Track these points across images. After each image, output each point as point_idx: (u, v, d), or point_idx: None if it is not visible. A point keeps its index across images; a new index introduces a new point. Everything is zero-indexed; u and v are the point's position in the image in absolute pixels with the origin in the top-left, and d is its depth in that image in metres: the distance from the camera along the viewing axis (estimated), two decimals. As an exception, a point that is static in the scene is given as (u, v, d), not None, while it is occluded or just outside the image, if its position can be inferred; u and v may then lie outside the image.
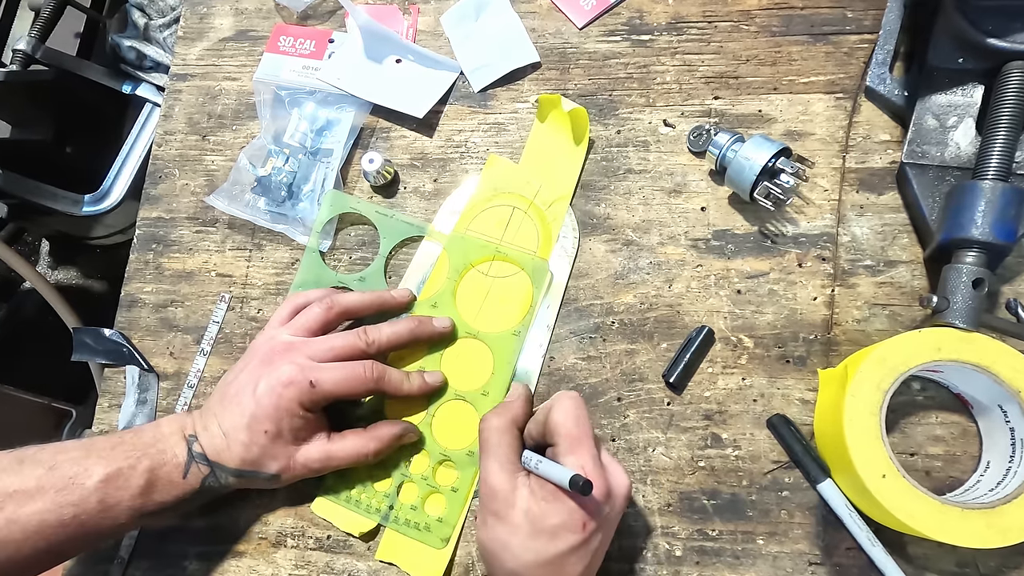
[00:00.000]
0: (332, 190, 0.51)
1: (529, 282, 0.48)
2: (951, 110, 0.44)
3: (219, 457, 0.41)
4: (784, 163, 0.44)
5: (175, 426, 0.42)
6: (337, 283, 0.50)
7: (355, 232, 0.52)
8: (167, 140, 0.56)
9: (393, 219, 0.50)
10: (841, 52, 0.50)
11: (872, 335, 0.45)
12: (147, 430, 0.42)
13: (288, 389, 0.41)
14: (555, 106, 0.50)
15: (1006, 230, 0.40)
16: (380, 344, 0.44)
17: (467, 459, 0.45)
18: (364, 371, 0.43)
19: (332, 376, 0.42)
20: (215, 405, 0.43)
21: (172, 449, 0.41)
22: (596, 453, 0.36)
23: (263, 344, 0.44)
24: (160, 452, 0.41)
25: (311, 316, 0.45)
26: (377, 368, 0.43)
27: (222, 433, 0.41)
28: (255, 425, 0.41)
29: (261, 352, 0.43)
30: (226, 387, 0.43)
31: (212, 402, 0.43)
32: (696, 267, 0.47)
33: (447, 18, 0.55)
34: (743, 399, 0.45)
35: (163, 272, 0.53)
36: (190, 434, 0.42)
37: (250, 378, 0.42)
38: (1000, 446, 0.40)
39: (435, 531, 0.44)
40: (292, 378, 0.41)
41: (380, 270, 0.50)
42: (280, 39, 0.56)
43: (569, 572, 0.35)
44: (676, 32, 0.52)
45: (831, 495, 0.41)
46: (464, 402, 0.46)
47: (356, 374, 0.42)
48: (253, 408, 0.41)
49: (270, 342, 0.44)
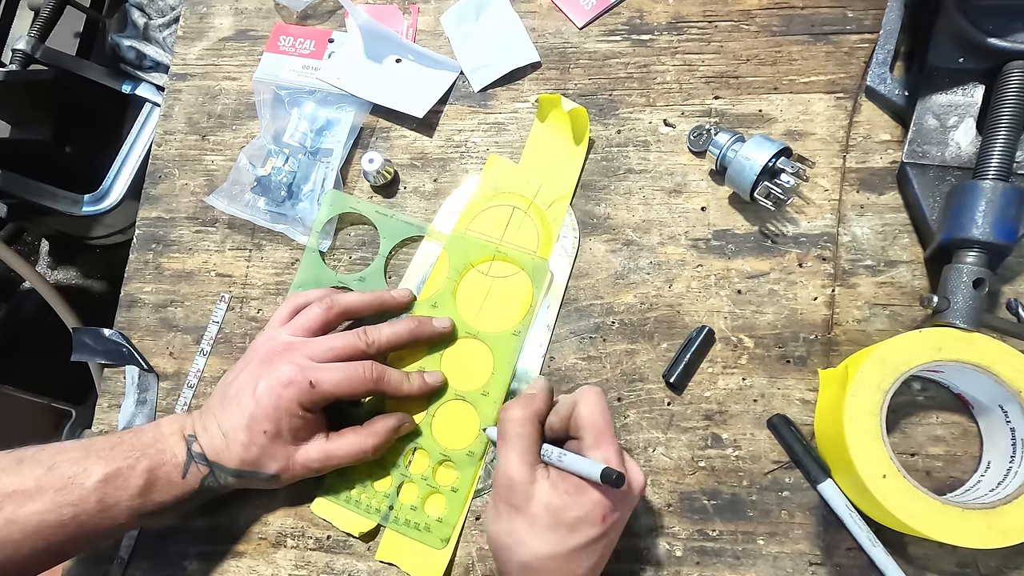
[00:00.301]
0: (332, 190, 0.51)
1: (529, 282, 0.48)
2: (952, 110, 0.44)
3: (218, 457, 0.41)
4: (784, 163, 0.43)
5: (175, 426, 0.42)
6: (337, 283, 0.50)
7: (355, 232, 0.52)
8: (167, 140, 0.56)
9: (393, 219, 0.50)
10: (841, 52, 0.50)
11: (872, 335, 0.45)
12: (146, 430, 0.42)
13: (288, 389, 0.41)
14: (555, 106, 0.50)
15: (1007, 230, 0.39)
16: (380, 344, 0.44)
17: (467, 459, 0.45)
18: (364, 372, 0.43)
19: (332, 376, 0.42)
20: (215, 405, 0.43)
21: (171, 449, 0.41)
22: (620, 448, 0.37)
23: (263, 344, 0.44)
24: (159, 452, 0.41)
25: (311, 316, 0.45)
26: (377, 368, 0.43)
27: (221, 433, 0.41)
28: (254, 425, 0.41)
29: (261, 352, 0.43)
30: (226, 387, 0.43)
31: (212, 402, 0.43)
32: (696, 267, 0.47)
33: (447, 18, 0.55)
34: (743, 399, 0.45)
35: (163, 272, 0.53)
36: (189, 434, 0.42)
37: (250, 378, 0.42)
38: (1001, 446, 0.40)
39: (435, 531, 0.44)
40: (292, 378, 0.41)
41: (380, 270, 0.50)
42: (280, 39, 0.56)
43: (580, 566, 0.35)
44: (676, 32, 0.52)
45: (831, 495, 0.41)
46: (464, 402, 0.46)
47: (356, 374, 0.42)
48: (252, 408, 0.41)
49: (270, 342, 0.44)
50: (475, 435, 0.45)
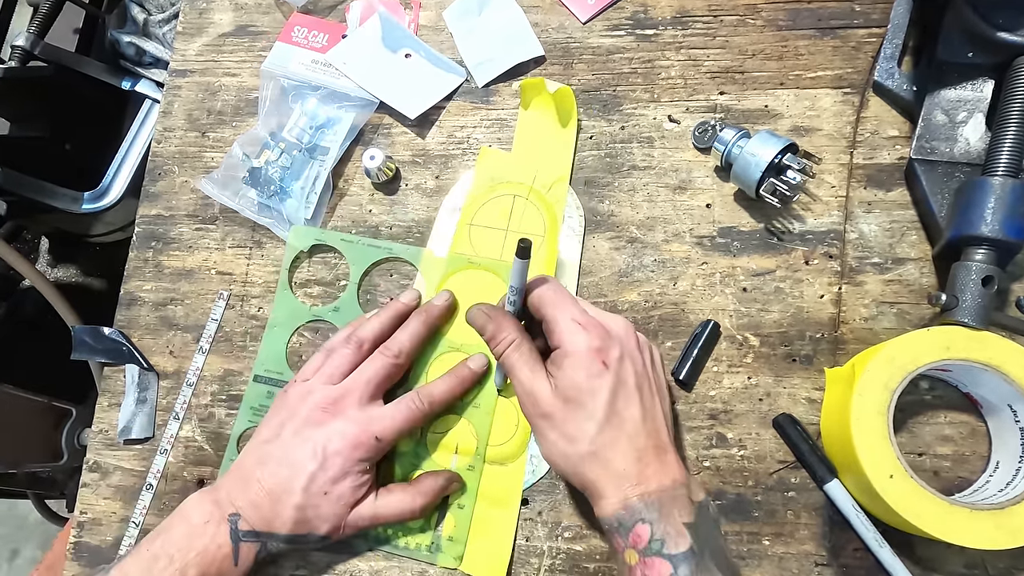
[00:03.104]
0: (294, 226, 0.50)
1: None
2: (960, 105, 0.44)
3: (269, 526, 0.40)
4: (791, 159, 0.43)
5: (204, 509, 0.40)
6: (312, 316, 0.49)
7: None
8: (167, 137, 0.56)
9: (359, 244, 0.50)
10: (849, 46, 0.49)
11: (880, 333, 0.44)
12: (174, 527, 0.39)
13: (356, 450, 0.40)
14: (539, 91, 0.50)
15: (1016, 227, 0.39)
16: (407, 351, 0.44)
17: (468, 474, 0.45)
18: (416, 405, 0.42)
19: (392, 425, 0.41)
20: (252, 467, 0.41)
21: (214, 541, 0.39)
22: (580, 308, 0.38)
23: (299, 399, 0.42)
24: (202, 552, 0.38)
25: (343, 361, 0.43)
26: (423, 395, 0.43)
27: (267, 497, 0.40)
28: (313, 487, 0.40)
29: (300, 409, 0.42)
30: (265, 447, 0.41)
31: (246, 464, 0.41)
32: (701, 265, 0.47)
33: (450, 12, 0.54)
34: (749, 398, 0.44)
35: (163, 270, 0.53)
36: (231, 514, 0.39)
37: (298, 439, 0.41)
38: (1010, 446, 0.40)
39: (447, 551, 0.44)
40: (357, 438, 0.40)
41: (353, 297, 0.49)
42: (295, 29, 0.55)
43: (628, 417, 0.35)
44: (681, 26, 0.51)
45: (838, 495, 0.41)
46: (456, 415, 0.46)
47: (411, 413, 0.42)
48: (313, 468, 0.40)
49: (307, 396, 0.42)
50: (474, 448, 0.45)
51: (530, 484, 0.44)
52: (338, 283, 0.50)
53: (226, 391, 0.49)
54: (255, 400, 0.48)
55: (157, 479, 0.48)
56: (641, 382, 0.37)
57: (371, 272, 0.50)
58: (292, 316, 0.49)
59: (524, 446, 0.45)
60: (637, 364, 0.37)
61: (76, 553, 0.48)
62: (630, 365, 0.36)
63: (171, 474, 0.48)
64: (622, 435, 0.35)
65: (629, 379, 0.36)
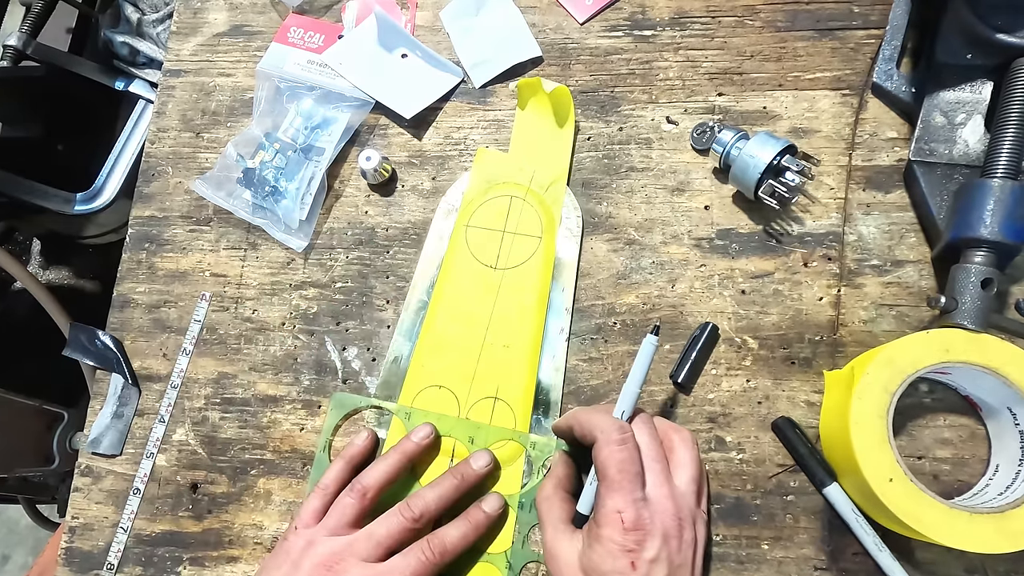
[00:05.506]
0: (336, 393, 0.47)
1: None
2: (959, 107, 0.44)
3: None
4: (789, 161, 0.43)
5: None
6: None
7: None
8: (160, 137, 0.55)
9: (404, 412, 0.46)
10: (847, 48, 0.49)
11: (879, 336, 0.44)
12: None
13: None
14: (535, 91, 0.49)
15: (1015, 229, 0.39)
16: (429, 516, 0.41)
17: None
18: (427, 557, 0.39)
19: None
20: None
21: None
22: (639, 493, 0.36)
23: (301, 553, 0.40)
24: None
25: (346, 512, 0.41)
26: (435, 544, 0.40)
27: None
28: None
29: (303, 564, 0.40)
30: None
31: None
32: (700, 267, 0.47)
33: (447, 13, 0.54)
34: (747, 401, 0.44)
35: (156, 272, 0.52)
36: None
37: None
38: (1010, 449, 0.40)
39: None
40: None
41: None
42: (290, 30, 0.55)
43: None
44: (679, 27, 0.51)
45: (837, 499, 0.41)
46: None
47: (420, 566, 0.39)
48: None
49: (310, 549, 0.40)
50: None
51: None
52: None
53: (220, 394, 0.49)
54: None
55: (144, 483, 0.47)
56: (676, 570, 0.36)
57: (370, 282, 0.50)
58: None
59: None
60: (674, 558, 0.36)
61: (67, 558, 0.47)
62: (663, 567, 0.35)
63: (164, 478, 0.48)
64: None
65: (648, 572, 0.35)
